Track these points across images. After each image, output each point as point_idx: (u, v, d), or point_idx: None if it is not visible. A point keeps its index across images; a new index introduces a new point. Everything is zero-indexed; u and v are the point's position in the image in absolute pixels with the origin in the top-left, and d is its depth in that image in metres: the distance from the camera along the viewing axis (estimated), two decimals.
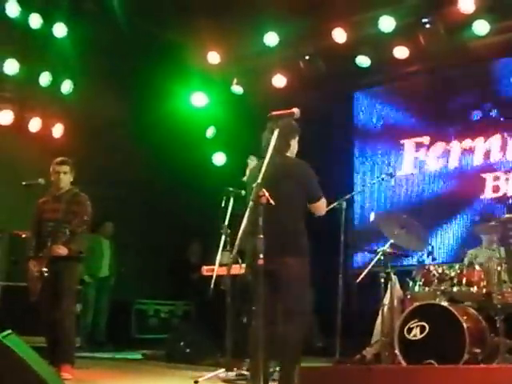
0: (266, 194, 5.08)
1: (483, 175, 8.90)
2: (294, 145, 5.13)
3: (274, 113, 4.81)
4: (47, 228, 6.31)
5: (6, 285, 7.56)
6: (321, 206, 4.97)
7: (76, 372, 6.06)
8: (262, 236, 5.30)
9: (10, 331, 4.02)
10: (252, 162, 6.69)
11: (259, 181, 4.69)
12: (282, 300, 4.75)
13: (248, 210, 4.83)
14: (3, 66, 8.83)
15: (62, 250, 6.14)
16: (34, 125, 9.48)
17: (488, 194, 8.82)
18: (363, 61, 9.10)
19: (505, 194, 8.61)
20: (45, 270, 6.08)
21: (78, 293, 8.36)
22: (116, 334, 9.74)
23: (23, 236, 7.60)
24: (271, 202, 5.70)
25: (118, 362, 7.96)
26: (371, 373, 2.47)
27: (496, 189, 8.75)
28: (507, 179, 8.70)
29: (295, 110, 4.98)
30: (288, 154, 5.07)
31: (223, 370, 6.27)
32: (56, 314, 6.11)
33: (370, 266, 7.00)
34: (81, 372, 6.21)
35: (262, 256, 5.34)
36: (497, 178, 8.79)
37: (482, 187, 8.87)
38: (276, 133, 4.70)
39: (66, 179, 6.42)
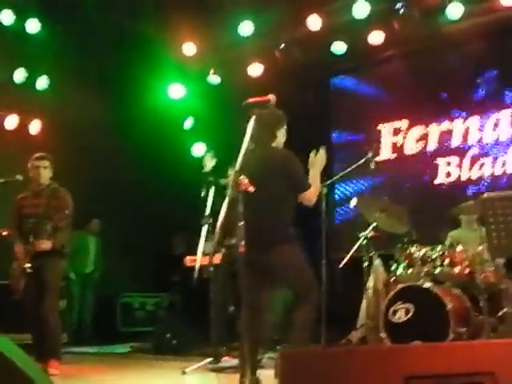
0: (245, 181, 5.09)
1: (462, 157, 8.99)
2: (281, 135, 5.07)
3: (249, 100, 4.80)
4: (28, 224, 6.30)
5: None
6: (308, 197, 4.91)
7: (63, 367, 6.07)
8: (241, 224, 5.33)
9: None
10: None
11: (236, 168, 4.68)
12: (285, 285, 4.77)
13: (227, 197, 4.83)
14: None
15: (45, 245, 6.13)
16: (11, 122, 9.43)
17: (465, 175, 8.92)
18: (339, 47, 9.10)
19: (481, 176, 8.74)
20: (28, 265, 6.07)
21: (63, 288, 8.35)
22: (102, 329, 9.74)
23: (3, 234, 7.54)
24: (250, 189, 5.73)
25: (105, 357, 7.96)
26: (353, 354, 2.48)
27: (475, 171, 8.85)
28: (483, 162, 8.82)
29: (271, 97, 4.98)
30: (273, 145, 5.02)
31: (210, 359, 6.29)
32: (41, 310, 6.11)
33: (352, 251, 7.04)
34: (68, 367, 6.22)
35: (242, 243, 5.38)
36: (476, 160, 8.89)
37: (460, 169, 8.97)
38: (252, 121, 4.70)
39: (45, 174, 6.40)
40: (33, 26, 8.78)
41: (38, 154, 6.47)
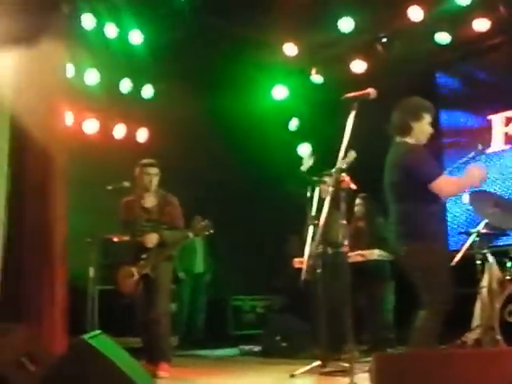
0: (347, 178, 5.00)
1: None
2: (420, 127, 4.78)
3: (349, 95, 4.73)
4: (142, 229, 6.41)
5: (102, 288, 7.73)
6: (437, 189, 4.57)
7: (173, 370, 6.14)
8: (344, 222, 5.22)
9: (98, 332, 4.08)
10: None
11: (338, 166, 4.60)
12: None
13: (328, 196, 4.75)
14: (84, 76, 9.08)
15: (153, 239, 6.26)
16: (119, 131, 9.73)
17: None
18: (443, 38, 8.77)
19: None
20: (150, 273, 6.21)
21: (173, 291, 8.50)
22: (213, 331, 9.83)
23: (114, 240, 7.76)
24: (353, 186, 5.63)
25: (214, 360, 8.03)
26: (451, 358, 2.32)
27: None
28: None
29: (371, 91, 4.87)
30: (407, 139, 4.77)
31: (319, 362, 6.18)
32: (152, 313, 6.21)
33: (464, 248, 6.75)
34: (177, 370, 6.28)
35: (346, 243, 5.26)
36: None
37: None
38: (352, 115, 4.63)
39: (155, 181, 6.52)
40: (135, 37, 8.98)
41: (148, 160, 6.58)
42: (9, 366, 4.24)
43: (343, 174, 5.03)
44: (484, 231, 6.69)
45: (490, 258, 6.66)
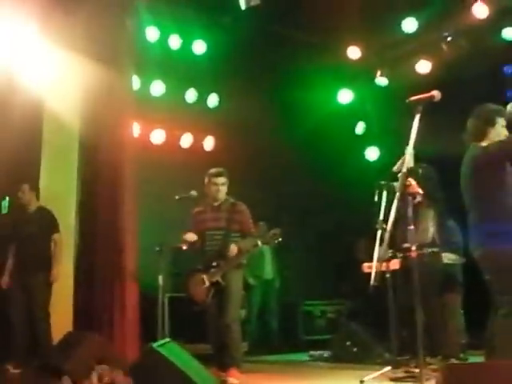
0: (413, 182, 4.95)
1: None
2: (495, 131, 4.76)
3: (413, 98, 4.69)
4: (213, 237, 6.49)
5: (172, 296, 7.85)
6: None
7: (243, 376, 6.16)
8: (412, 227, 5.15)
9: (167, 340, 4.15)
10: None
11: (404, 170, 4.58)
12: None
13: (395, 200, 4.73)
14: (150, 88, 9.26)
15: (234, 250, 6.35)
16: (186, 140, 9.88)
17: None
18: (510, 33, 8.58)
19: None
20: (220, 281, 6.29)
21: (244, 298, 8.55)
22: (284, 337, 9.84)
23: (183, 248, 7.85)
24: (419, 191, 5.57)
25: (284, 365, 8.04)
26: None
27: None
28: None
29: (435, 93, 4.80)
30: (483, 144, 4.75)
31: (389, 368, 6.10)
32: (223, 320, 6.26)
33: None
34: (247, 376, 6.31)
35: (414, 248, 5.20)
36: None
37: None
38: (417, 118, 4.60)
39: (223, 190, 6.58)
40: (199, 47, 9.10)
41: (215, 170, 6.63)
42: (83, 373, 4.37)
43: (409, 179, 4.97)
44: None
45: None
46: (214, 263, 6.39)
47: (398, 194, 4.97)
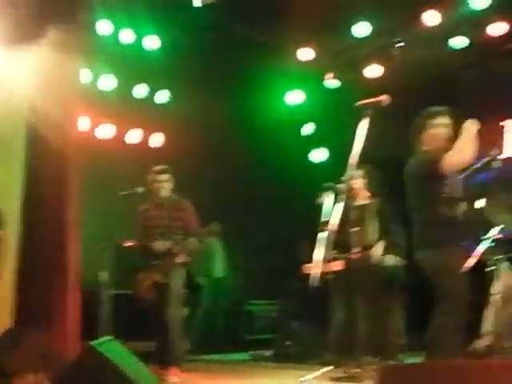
0: (358, 185, 5.02)
1: None
2: (427, 136, 4.94)
3: (361, 102, 4.72)
4: (156, 235, 6.46)
5: (116, 293, 7.78)
6: (448, 164, 4.78)
7: (183, 375, 6.17)
8: (356, 229, 5.24)
9: (108, 338, 4.11)
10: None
11: (349, 174, 4.63)
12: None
13: (341, 203, 4.78)
14: (100, 82, 9.14)
15: (180, 258, 6.31)
16: (134, 136, 9.79)
17: None
18: (459, 42, 8.76)
19: None
20: (160, 279, 6.26)
21: (189, 296, 8.52)
22: (226, 336, 9.84)
23: (128, 244, 7.79)
24: (365, 193, 5.66)
25: (226, 364, 8.06)
26: (456, 369, 2.32)
27: None
28: None
29: (384, 98, 4.88)
30: (424, 149, 4.94)
31: (330, 367, 6.17)
32: (164, 318, 6.24)
33: (478, 253, 6.70)
34: (188, 375, 6.32)
35: (355, 250, 5.29)
36: None
37: None
38: (365, 122, 4.63)
39: (166, 187, 6.57)
40: (151, 42, 9.03)
41: (158, 167, 6.63)
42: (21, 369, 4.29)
43: (354, 182, 5.03)
44: (498, 236, 6.63)
45: (504, 265, 6.61)
46: (155, 262, 6.37)
47: (343, 196, 5.04)
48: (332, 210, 6.38)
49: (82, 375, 3.73)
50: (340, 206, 4.98)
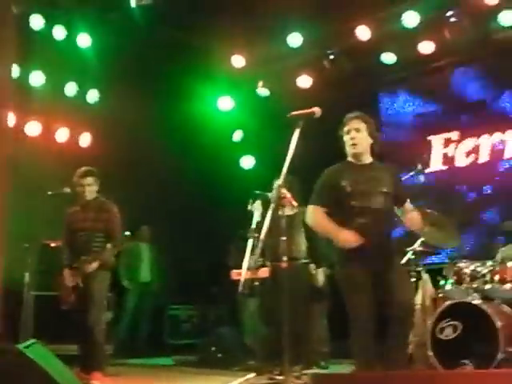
0: (288, 195, 5.04)
1: None
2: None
3: (294, 113, 4.75)
4: (79, 238, 6.37)
5: (38, 294, 7.63)
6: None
7: (106, 379, 6.08)
8: (284, 238, 5.28)
9: (33, 341, 4.03)
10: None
11: (279, 182, 4.63)
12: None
13: (270, 211, 4.80)
14: (29, 78, 8.95)
15: (93, 265, 6.20)
16: (62, 135, 9.61)
17: None
18: (388, 58, 9.00)
19: None
20: (80, 283, 6.16)
21: (113, 299, 8.43)
22: (150, 340, 9.77)
23: (52, 245, 7.66)
24: (294, 203, 5.70)
25: (149, 369, 8.00)
26: (388, 379, 2.40)
27: None
28: None
29: (316, 109, 4.92)
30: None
31: (253, 374, 6.22)
32: (86, 321, 6.15)
33: None
34: (111, 379, 6.23)
35: (285, 258, 5.33)
36: None
37: None
38: (297, 133, 4.64)
39: (90, 190, 6.48)
40: (84, 40, 8.91)
41: (82, 170, 6.53)
42: None
43: (284, 191, 5.08)
44: (419, 249, 6.82)
45: (424, 276, 6.81)
46: (76, 264, 6.29)
47: (272, 204, 5.06)
48: (261, 217, 6.46)
49: (7, 379, 3.63)
50: (269, 214, 4.99)
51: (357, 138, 4.85)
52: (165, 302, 10.25)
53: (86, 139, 9.82)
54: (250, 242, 6.60)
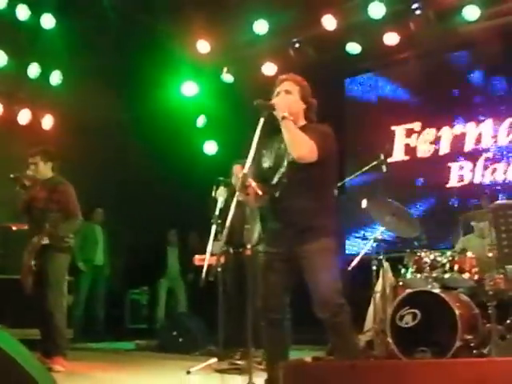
0: (253, 184, 5.02)
1: (476, 161, 8.92)
2: None
3: (261, 101, 4.60)
4: (33, 217, 6.31)
5: (1, 278, 7.56)
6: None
7: (68, 364, 6.06)
8: (248, 226, 5.31)
9: None
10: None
11: (245, 171, 4.54)
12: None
13: (235, 198, 4.76)
14: None
15: (43, 241, 6.12)
16: (23, 117, 9.47)
17: (478, 180, 8.84)
18: (353, 48, 9.06)
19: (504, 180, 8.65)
20: (33, 263, 6.07)
21: (72, 283, 8.37)
22: (111, 325, 9.75)
23: (14, 229, 7.57)
24: (259, 192, 5.67)
25: (110, 353, 7.97)
26: (355, 368, 2.45)
27: (491, 173, 8.77)
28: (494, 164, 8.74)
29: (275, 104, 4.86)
30: None
31: (215, 359, 6.26)
32: (45, 306, 6.10)
33: (362, 253, 6.98)
34: (73, 364, 6.20)
35: (249, 246, 5.38)
36: (489, 164, 8.81)
37: (473, 173, 8.90)
38: (261, 121, 4.53)
39: (40, 169, 6.42)
40: (48, 21, 8.79)
41: (31, 150, 6.49)
42: None
43: (249, 179, 5.08)
44: (381, 237, 6.92)
45: (385, 264, 6.92)
46: (31, 246, 6.21)
47: (237, 193, 5.05)
48: (225, 204, 6.48)
49: None
50: (234, 201, 4.98)
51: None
52: (125, 286, 10.22)
53: (48, 121, 9.70)
54: (214, 229, 6.63)
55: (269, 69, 9.77)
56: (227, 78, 10.22)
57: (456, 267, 6.43)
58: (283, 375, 2.48)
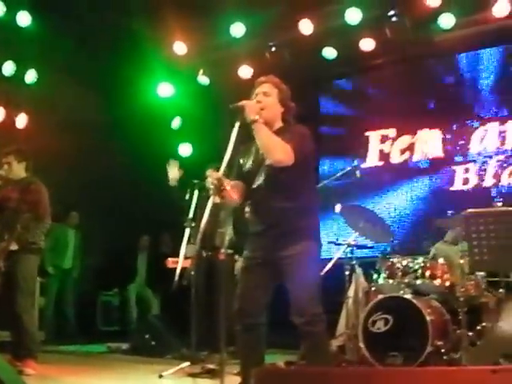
0: (228, 187, 4.99)
1: (450, 167, 9.02)
2: None
3: (235, 104, 4.56)
4: (4, 218, 6.24)
5: None
6: None
7: (39, 367, 6.00)
8: (222, 230, 5.32)
9: None
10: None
11: (220, 175, 4.50)
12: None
13: (210, 201, 4.72)
14: None
15: (12, 246, 6.05)
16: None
17: (457, 186, 8.93)
18: (329, 53, 9.12)
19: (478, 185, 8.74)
20: (1, 264, 6.01)
21: (42, 285, 8.28)
22: (81, 327, 9.67)
23: None
24: (234, 196, 5.67)
25: (82, 356, 7.90)
26: (328, 375, 2.47)
27: (465, 181, 8.87)
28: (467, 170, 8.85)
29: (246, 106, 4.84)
30: None
31: (188, 363, 6.24)
32: (14, 308, 6.04)
33: (335, 258, 7.00)
34: (44, 367, 6.14)
35: (223, 250, 5.38)
36: (466, 171, 8.90)
37: (448, 179, 8.99)
38: (237, 125, 4.49)
39: (14, 168, 6.36)
40: (24, 18, 8.70)
41: (5, 149, 6.43)
42: None
43: (225, 183, 5.08)
44: (354, 243, 6.96)
45: (358, 269, 6.96)
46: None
47: (212, 196, 5.03)
48: (199, 207, 6.49)
49: None
50: (208, 204, 4.96)
51: (263, 102, 4.38)
52: (96, 288, 10.16)
53: (22, 120, 9.61)
54: (187, 231, 6.62)
55: (245, 71, 9.78)
56: (203, 79, 10.21)
57: (428, 273, 6.50)
58: (256, 381, 2.49)
